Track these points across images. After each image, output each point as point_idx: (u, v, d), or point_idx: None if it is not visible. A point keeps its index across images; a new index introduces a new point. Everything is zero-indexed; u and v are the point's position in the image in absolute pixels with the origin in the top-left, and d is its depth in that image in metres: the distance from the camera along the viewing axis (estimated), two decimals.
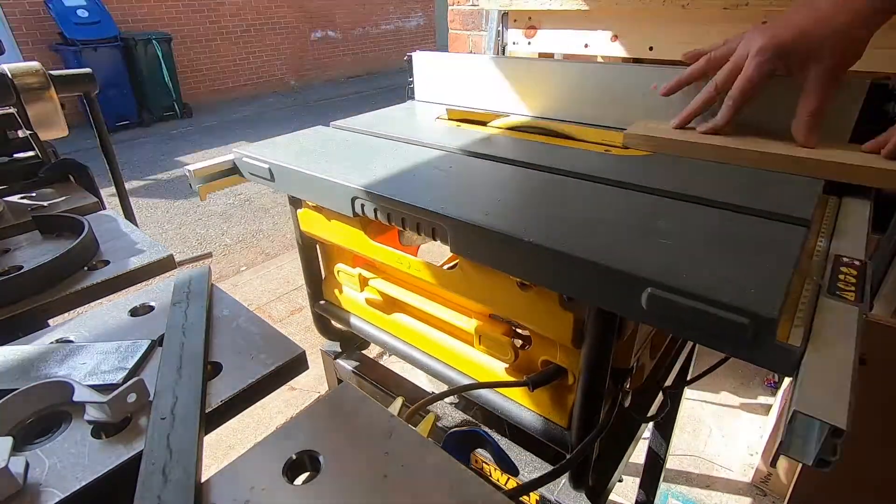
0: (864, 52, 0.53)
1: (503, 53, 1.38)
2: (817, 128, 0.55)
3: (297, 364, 0.44)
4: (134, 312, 0.51)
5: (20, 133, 0.84)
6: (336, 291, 0.78)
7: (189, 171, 0.67)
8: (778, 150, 0.55)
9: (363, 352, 0.87)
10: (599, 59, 0.70)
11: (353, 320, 0.76)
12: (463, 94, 0.87)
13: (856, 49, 0.53)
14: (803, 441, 0.29)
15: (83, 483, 0.33)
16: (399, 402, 0.61)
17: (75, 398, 0.37)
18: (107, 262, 0.59)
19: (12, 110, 0.80)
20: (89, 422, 0.37)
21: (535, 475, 0.59)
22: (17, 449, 0.34)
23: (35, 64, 0.79)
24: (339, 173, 0.57)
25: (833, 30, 0.52)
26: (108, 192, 0.86)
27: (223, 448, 1.76)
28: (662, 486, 1.32)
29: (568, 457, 0.52)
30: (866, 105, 0.54)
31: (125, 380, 0.40)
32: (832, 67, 0.53)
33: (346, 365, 0.83)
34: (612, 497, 0.70)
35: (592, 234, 0.42)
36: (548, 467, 0.61)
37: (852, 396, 0.28)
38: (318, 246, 0.77)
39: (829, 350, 0.31)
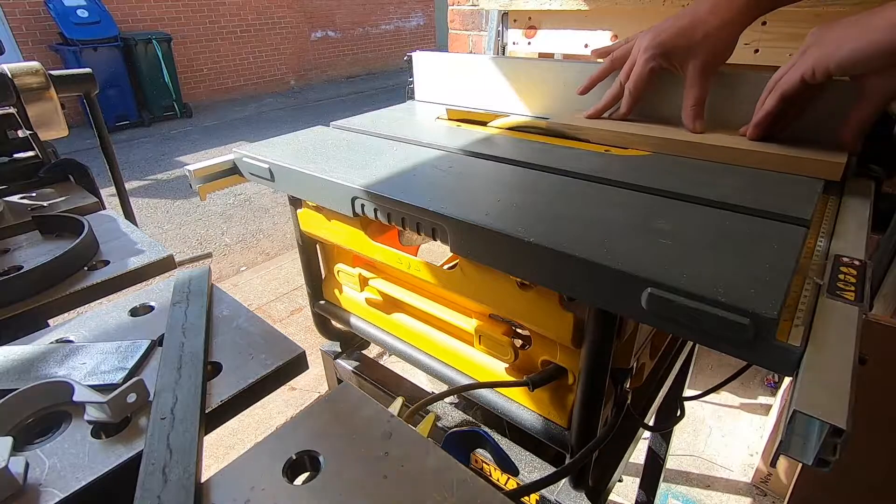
0: (733, 49, 0.61)
1: (503, 53, 1.38)
2: (701, 115, 0.63)
3: (297, 364, 0.44)
4: (134, 312, 0.51)
5: (20, 133, 0.84)
6: (336, 291, 0.78)
7: (189, 171, 0.67)
8: (673, 136, 0.61)
9: (363, 352, 0.87)
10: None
11: (353, 320, 0.76)
12: (463, 94, 0.87)
13: (725, 47, 0.60)
14: (803, 441, 0.29)
15: (83, 483, 0.33)
16: (399, 402, 0.61)
17: (75, 398, 0.37)
18: (107, 262, 0.59)
19: (12, 110, 0.80)
20: (89, 422, 0.37)
21: (535, 475, 0.59)
22: (17, 449, 0.34)
23: (35, 64, 0.79)
24: (340, 173, 0.57)
25: (705, 32, 0.59)
26: (108, 192, 0.86)
27: (223, 448, 1.76)
28: (662, 486, 1.32)
29: (569, 460, 0.52)
30: None
31: (125, 380, 0.40)
32: (706, 63, 0.60)
33: (346, 365, 0.83)
34: (612, 497, 0.70)
35: (592, 234, 0.42)
36: (548, 467, 0.61)
37: (852, 396, 0.28)
38: (318, 246, 0.77)
39: (828, 350, 0.31)
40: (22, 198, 0.77)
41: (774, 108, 0.56)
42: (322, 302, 0.82)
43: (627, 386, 0.56)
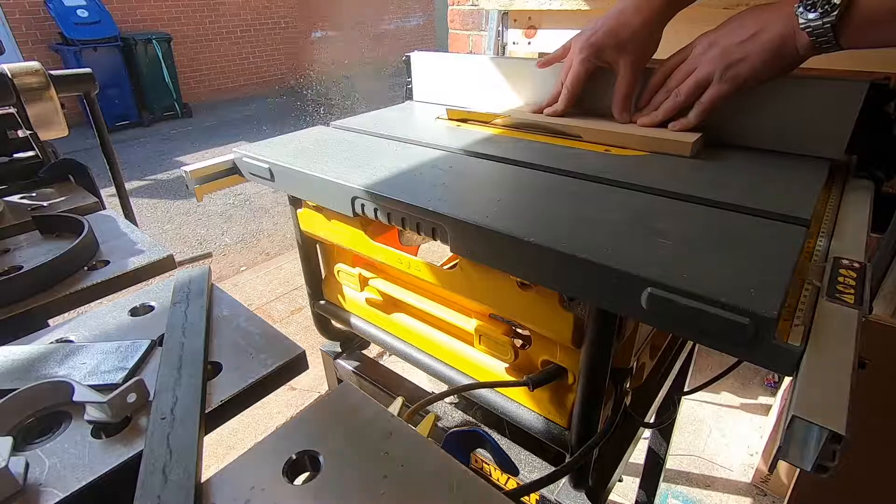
0: (658, 44, 0.65)
1: (503, 53, 1.38)
2: (629, 108, 0.67)
3: (297, 364, 0.44)
4: (134, 312, 0.51)
5: (20, 133, 0.84)
6: (336, 291, 0.78)
7: (185, 171, 0.66)
8: (602, 128, 0.66)
9: (363, 352, 0.87)
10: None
11: (353, 320, 0.76)
12: (462, 94, 0.87)
13: (651, 44, 0.64)
14: (802, 446, 0.28)
15: (83, 483, 0.33)
16: (399, 402, 0.61)
17: (75, 398, 0.37)
18: (107, 262, 0.59)
19: (12, 110, 0.80)
20: (89, 422, 0.37)
21: (535, 475, 0.59)
22: (17, 449, 0.34)
23: (35, 64, 0.79)
24: (339, 173, 0.57)
25: (631, 30, 0.63)
26: (108, 192, 0.86)
27: (223, 448, 1.76)
28: (662, 486, 1.32)
29: (569, 459, 0.52)
30: (866, 105, 0.54)
31: (125, 380, 0.40)
32: (634, 60, 0.64)
33: (346, 365, 0.83)
34: (612, 497, 0.70)
35: (593, 234, 0.42)
36: (548, 467, 0.61)
37: (852, 401, 0.28)
38: (318, 246, 0.77)
39: (828, 354, 0.31)
40: (22, 198, 0.77)
41: (699, 122, 0.61)
42: (322, 302, 0.82)
43: (627, 386, 0.56)
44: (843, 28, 0.50)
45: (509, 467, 0.61)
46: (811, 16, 0.50)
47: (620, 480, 0.68)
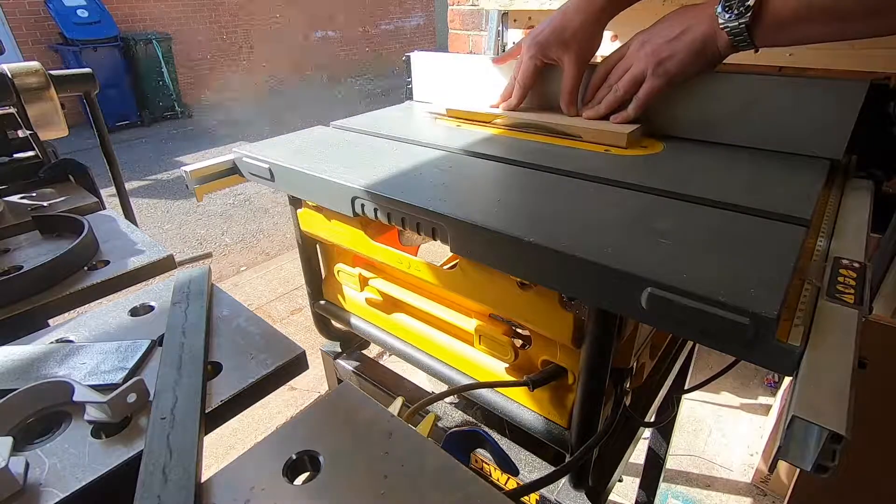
0: (600, 42, 0.69)
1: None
2: (574, 101, 0.71)
3: (297, 364, 0.44)
4: (134, 312, 0.51)
5: (20, 133, 0.84)
6: (336, 291, 0.78)
7: (185, 171, 0.66)
8: (550, 120, 0.70)
9: (363, 352, 0.87)
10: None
11: (353, 320, 0.76)
12: (462, 94, 0.87)
13: (592, 41, 0.68)
14: (801, 446, 0.28)
15: (83, 483, 0.33)
16: (399, 402, 0.61)
17: (75, 398, 0.37)
18: (107, 262, 0.59)
19: (12, 110, 0.80)
20: (89, 422, 0.37)
21: (535, 475, 0.59)
22: (17, 449, 0.34)
23: (35, 64, 0.79)
24: (339, 173, 0.57)
25: (573, 29, 0.67)
26: (108, 192, 0.86)
27: (223, 448, 1.76)
28: (662, 486, 1.32)
29: (569, 458, 0.52)
30: (866, 105, 0.54)
31: (125, 380, 0.40)
32: (577, 56, 0.68)
33: (346, 365, 0.83)
34: (612, 497, 0.70)
35: (592, 234, 0.42)
36: (548, 467, 0.61)
37: (852, 401, 0.28)
38: (318, 246, 0.77)
39: (828, 354, 0.31)
40: (22, 198, 0.77)
41: (636, 114, 0.65)
42: (322, 302, 0.82)
43: (627, 385, 0.56)
44: (756, 29, 0.54)
45: (509, 467, 0.61)
46: (729, 17, 0.55)
47: (620, 480, 0.68)
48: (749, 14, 0.53)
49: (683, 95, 0.64)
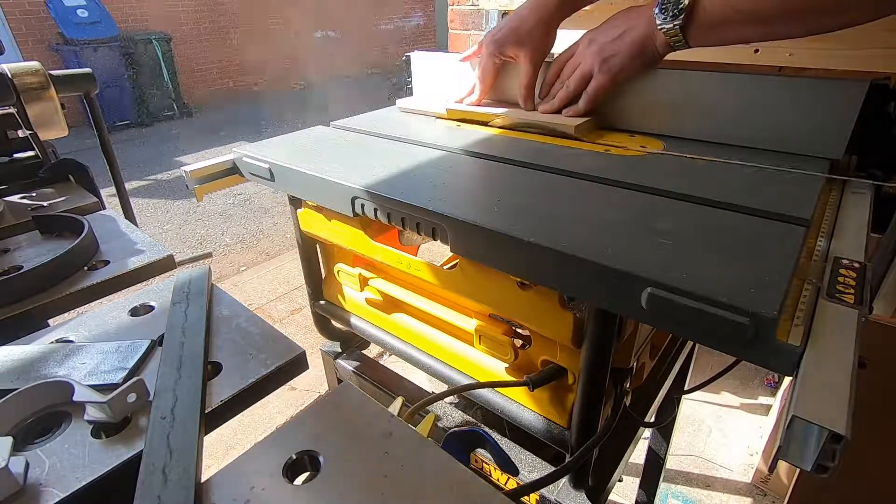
0: (554, 41, 0.73)
1: None
2: (531, 96, 0.75)
3: (297, 364, 0.44)
4: (134, 312, 0.51)
5: (20, 133, 0.84)
6: (336, 291, 0.78)
7: (185, 171, 0.66)
8: (510, 114, 0.74)
9: (363, 352, 0.87)
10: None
11: (353, 320, 0.76)
12: (462, 94, 0.87)
13: (546, 39, 0.72)
14: (801, 446, 0.28)
15: (83, 483, 0.33)
16: (399, 402, 0.61)
17: (75, 398, 0.37)
18: (107, 262, 0.59)
19: (12, 110, 0.80)
20: (89, 422, 0.37)
21: (535, 475, 0.59)
22: (17, 449, 0.34)
23: (35, 64, 0.79)
24: (339, 173, 0.57)
25: (529, 28, 0.70)
26: (108, 192, 0.86)
27: (223, 448, 1.76)
28: (662, 486, 1.32)
29: (569, 459, 0.52)
30: (866, 105, 0.54)
31: (125, 380, 0.40)
32: (532, 54, 0.72)
33: (346, 365, 0.83)
34: (612, 497, 0.70)
35: (593, 234, 0.42)
36: (548, 467, 0.61)
37: (852, 401, 0.28)
38: (318, 246, 0.77)
39: (828, 354, 0.31)
40: (22, 198, 0.77)
41: (587, 109, 0.69)
42: (322, 302, 0.82)
43: (627, 385, 0.56)
44: (689, 29, 0.58)
45: (509, 467, 0.61)
46: (664, 18, 0.58)
47: (620, 480, 0.68)
48: (682, 16, 0.57)
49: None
